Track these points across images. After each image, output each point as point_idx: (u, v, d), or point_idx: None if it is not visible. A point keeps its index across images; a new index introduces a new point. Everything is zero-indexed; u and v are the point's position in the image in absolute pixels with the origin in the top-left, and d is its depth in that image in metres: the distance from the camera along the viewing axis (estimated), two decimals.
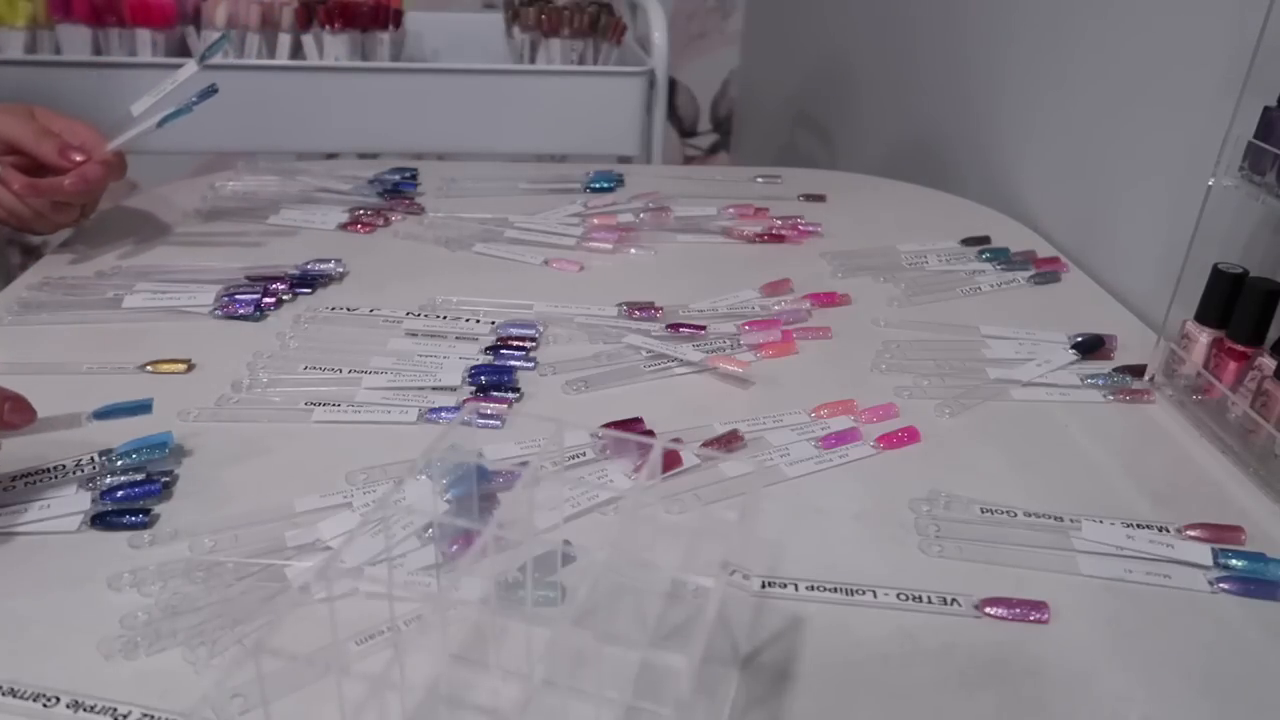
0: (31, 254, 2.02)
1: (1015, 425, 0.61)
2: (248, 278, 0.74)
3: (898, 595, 0.46)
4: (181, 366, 0.63)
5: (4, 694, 0.39)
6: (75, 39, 1.12)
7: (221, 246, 0.81)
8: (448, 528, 0.47)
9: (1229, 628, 0.46)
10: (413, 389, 0.61)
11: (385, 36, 1.21)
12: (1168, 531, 0.52)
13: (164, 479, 0.51)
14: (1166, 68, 0.78)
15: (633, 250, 0.84)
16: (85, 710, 0.38)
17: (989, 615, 0.46)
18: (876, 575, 0.48)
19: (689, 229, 0.88)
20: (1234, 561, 0.49)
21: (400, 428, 0.58)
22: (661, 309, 0.73)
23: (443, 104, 1.17)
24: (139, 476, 0.51)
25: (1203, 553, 0.50)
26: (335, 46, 1.19)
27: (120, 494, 0.50)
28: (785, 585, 0.47)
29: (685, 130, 2.18)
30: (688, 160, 2.21)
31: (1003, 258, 0.84)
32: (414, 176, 0.97)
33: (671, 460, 0.54)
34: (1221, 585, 0.48)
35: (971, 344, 0.70)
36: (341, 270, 0.77)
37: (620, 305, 0.73)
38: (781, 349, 0.68)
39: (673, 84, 2.06)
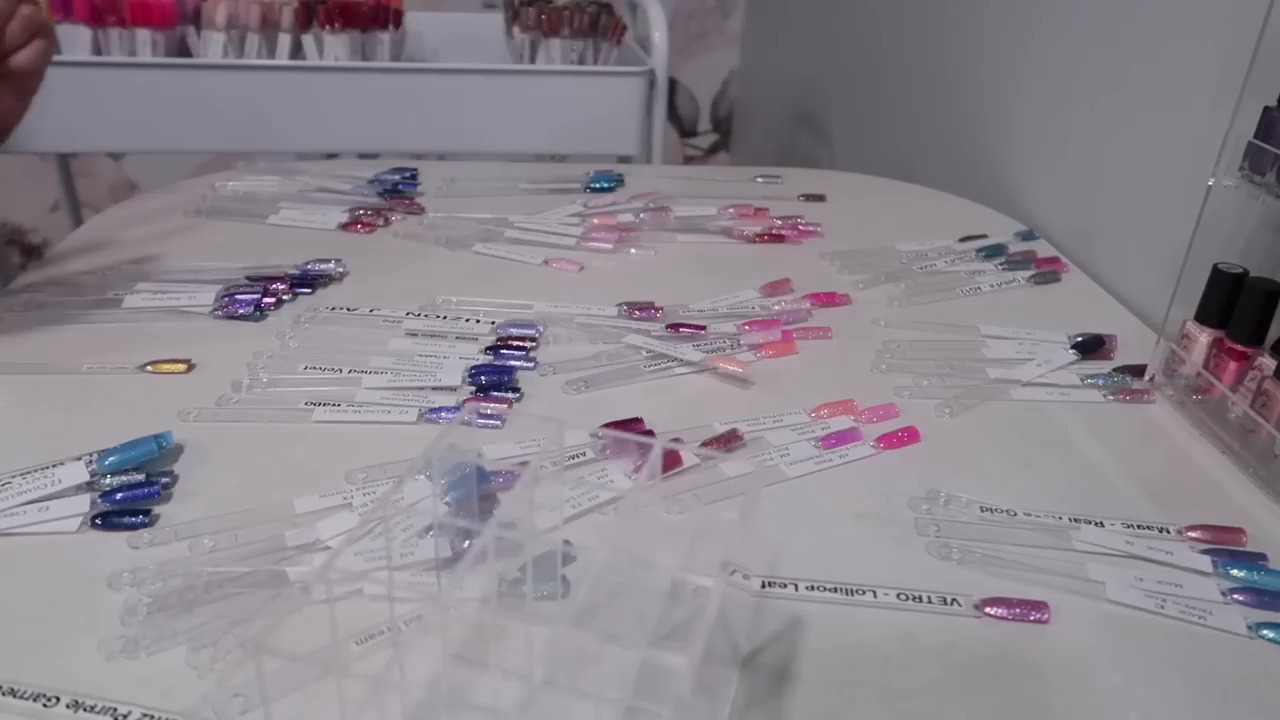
0: (31, 254, 2.02)
1: (1015, 425, 0.61)
2: (248, 278, 0.74)
3: (898, 595, 0.46)
4: (181, 366, 0.63)
5: (4, 694, 0.39)
6: (75, 39, 1.12)
7: (221, 246, 0.81)
8: (448, 528, 0.47)
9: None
10: (413, 389, 0.61)
11: (385, 36, 1.21)
12: (1168, 533, 0.52)
13: (164, 479, 0.51)
14: (1166, 68, 0.78)
15: (633, 250, 0.84)
16: (85, 710, 0.38)
17: (989, 615, 0.46)
18: (876, 575, 0.48)
19: (689, 229, 0.88)
20: (1235, 571, 0.49)
21: (400, 428, 0.58)
22: (661, 309, 0.73)
23: (443, 104, 1.17)
24: (139, 477, 0.51)
25: (1206, 560, 0.49)
26: (335, 46, 1.19)
27: (120, 496, 0.50)
28: (785, 585, 0.47)
29: (685, 130, 2.18)
30: (688, 160, 2.21)
31: (998, 254, 0.85)
32: (414, 176, 0.97)
33: (671, 460, 0.54)
34: (1235, 597, 0.47)
35: (971, 344, 0.70)
36: (341, 270, 0.77)
37: (620, 305, 0.73)
38: (781, 349, 0.68)
39: (673, 84, 2.06)
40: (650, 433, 0.58)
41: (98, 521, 0.49)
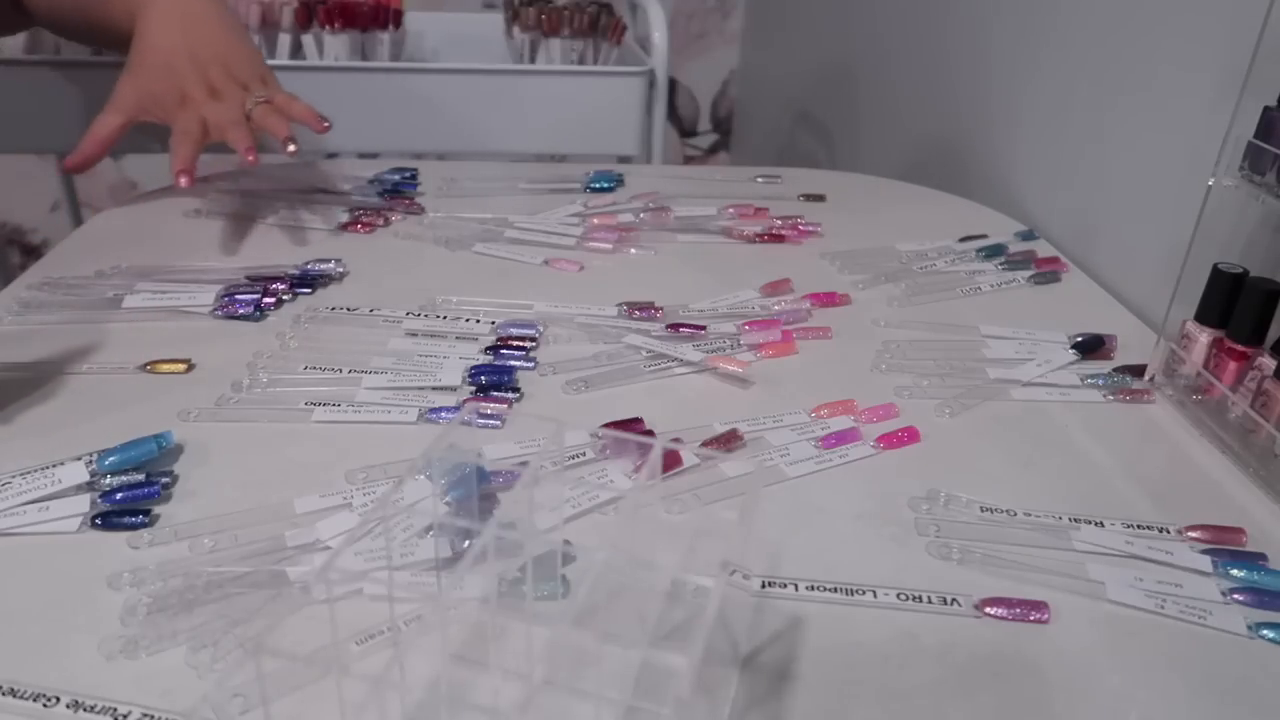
0: (31, 254, 2.02)
1: (1015, 425, 0.61)
2: (248, 278, 0.74)
3: (898, 595, 0.46)
4: (181, 366, 0.63)
5: (4, 694, 0.39)
6: None
7: (221, 246, 0.81)
8: (448, 528, 0.47)
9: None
10: (413, 389, 0.61)
11: (385, 36, 1.22)
12: (1168, 533, 0.52)
13: (164, 479, 0.51)
14: (1166, 68, 0.78)
15: (633, 250, 0.84)
16: (85, 710, 0.38)
17: (989, 615, 0.46)
18: (876, 575, 0.48)
19: (689, 229, 0.88)
20: (1235, 571, 0.49)
21: (400, 428, 0.58)
22: (661, 309, 0.73)
23: (443, 104, 1.17)
24: (139, 477, 0.51)
25: (1206, 560, 0.49)
26: (335, 46, 1.19)
27: (120, 496, 0.50)
28: (785, 585, 0.47)
29: (685, 130, 2.18)
30: (688, 160, 2.21)
31: (998, 254, 0.85)
32: (414, 176, 0.97)
33: (671, 460, 0.54)
34: (1235, 597, 0.47)
35: (971, 344, 0.70)
36: (341, 270, 0.77)
37: (620, 305, 0.73)
38: (781, 349, 0.68)
39: (673, 84, 2.06)
40: (650, 433, 0.58)
41: (98, 521, 0.49)
